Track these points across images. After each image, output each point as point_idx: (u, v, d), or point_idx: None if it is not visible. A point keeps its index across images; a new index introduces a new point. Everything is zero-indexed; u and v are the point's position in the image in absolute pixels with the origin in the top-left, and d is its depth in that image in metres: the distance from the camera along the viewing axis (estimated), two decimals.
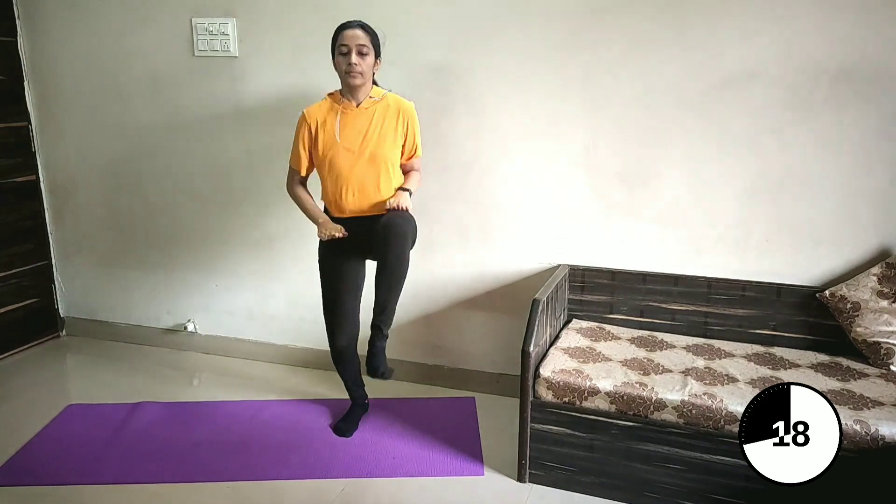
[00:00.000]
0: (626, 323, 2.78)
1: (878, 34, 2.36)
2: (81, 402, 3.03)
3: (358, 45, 2.35)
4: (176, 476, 2.47)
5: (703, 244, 2.68)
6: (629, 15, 2.58)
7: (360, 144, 2.42)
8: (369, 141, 2.42)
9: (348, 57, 2.35)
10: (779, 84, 2.48)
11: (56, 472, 2.49)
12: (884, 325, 2.38)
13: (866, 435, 2.00)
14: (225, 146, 3.25)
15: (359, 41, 2.35)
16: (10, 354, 3.51)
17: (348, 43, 2.35)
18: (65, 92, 3.46)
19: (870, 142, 2.44)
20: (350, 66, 2.35)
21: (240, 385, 3.17)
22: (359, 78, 2.38)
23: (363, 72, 2.37)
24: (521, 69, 2.74)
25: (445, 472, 2.49)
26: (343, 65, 2.37)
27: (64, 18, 3.36)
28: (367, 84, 2.43)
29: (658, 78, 2.60)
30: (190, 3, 3.12)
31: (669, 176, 2.67)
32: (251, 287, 3.37)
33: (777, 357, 2.48)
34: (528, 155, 2.81)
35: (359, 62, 2.35)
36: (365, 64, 2.37)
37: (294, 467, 2.51)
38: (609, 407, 2.26)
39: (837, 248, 2.53)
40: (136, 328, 3.65)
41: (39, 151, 3.59)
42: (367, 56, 2.38)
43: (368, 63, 2.39)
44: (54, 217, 3.67)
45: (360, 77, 2.38)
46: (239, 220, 3.31)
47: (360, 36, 2.36)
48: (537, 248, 2.89)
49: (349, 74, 2.37)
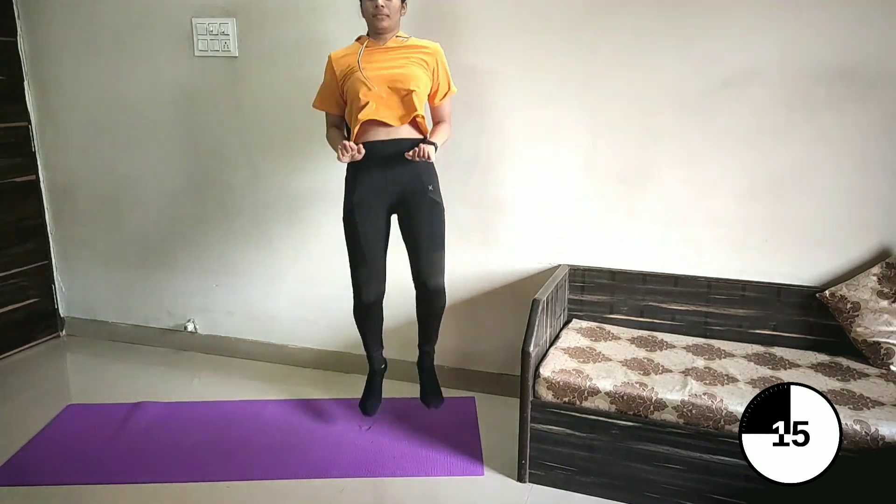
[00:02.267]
0: (626, 323, 2.78)
1: (879, 34, 2.36)
2: (81, 402, 3.03)
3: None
4: (176, 476, 2.47)
5: (703, 244, 2.68)
6: (629, 14, 2.58)
7: (385, 72, 2.42)
8: (395, 68, 2.43)
9: (375, 0, 2.38)
10: (779, 84, 2.48)
11: (56, 472, 2.49)
12: (884, 325, 2.38)
13: (866, 435, 2.00)
14: (225, 146, 3.25)
15: None
16: (10, 354, 3.51)
17: None
18: (65, 92, 3.46)
19: (870, 142, 2.44)
20: (378, 8, 2.38)
21: (240, 385, 3.17)
22: (386, 20, 2.40)
23: (390, 14, 2.40)
24: (522, 68, 2.74)
25: (445, 472, 2.49)
26: (371, 7, 2.40)
27: (64, 18, 3.36)
28: (394, 28, 2.47)
29: (658, 78, 2.60)
30: (190, 3, 3.12)
31: (669, 176, 2.67)
32: (251, 287, 3.37)
33: (777, 357, 2.48)
34: (528, 154, 2.81)
35: (385, 4, 2.38)
36: (391, 6, 2.40)
37: (294, 467, 2.51)
38: (609, 407, 2.26)
39: (837, 248, 2.53)
40: (136, 328, 3.65)
41: (39, 151, 3.59)
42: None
43: (395, 5, 2.42)
44: (54, 217, 3.67)
45: (388, 19, 2.41)
46: (239, 220, 3.31)
47: None
48: (537, 248, 2.89)
49: (377, 17, 2.40)
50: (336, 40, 2.92)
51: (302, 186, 3.14)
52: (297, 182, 3.15)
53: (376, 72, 2.42)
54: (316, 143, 2.97)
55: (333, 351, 3.29)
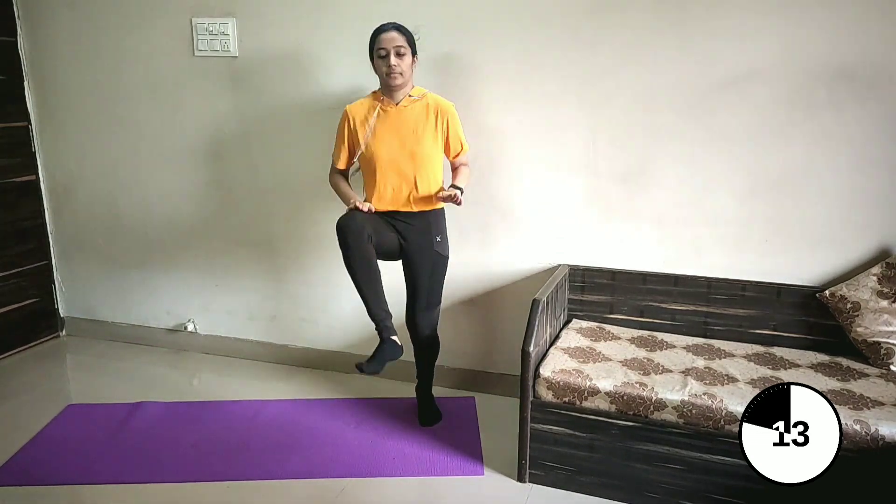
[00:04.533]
0: (626, 323, 2.78)
1: (879, 34, 2.36)
2: (81, 402, 3.03)
3: (395, 47, 2.43)
4: (176, 476, 2.47)
5: (703, 244, 2.68)
6: (629, 14, 2.58)
7: (400, 142, 2.49)
8: (408, 139, 2.50)
9: (387, 59, 2.43)
10: (779, 83, 2.48)
11: (56, 472, 2.49)
12: (884, 325, 2.38)
13: (866, 435, 2.00)
14: (225, 146, 3.25)
15: (396, 43, 2.43)
16: (10, 354, 3.51)
17: (386, 46, 2.43)
18: (65, 92, 3.46)
19: (870, 142, 2.43)
20: (391, 68, 2.42)
21: (240, 385, 3.17)
22: (399, 78, 2.45)
23: (403, 72, 2.45)
24: (521, 68, 2.74)
25: (445, 472, 2.49)
26: (383, 67, 2.44)
27: (64, 18, 3.36)
28: (407, 84, 2.50)
29: (658, 78, 2.60)
30: (190, 3, 3.12)
31: (669, 176, 2.67)
32: (251, 287, 3.37)
33: (777, 357, 2.48)
34: (527, 155, 2.81)
35: (398, 63, 2.42)
36: (404, 64, 2.45)
37: (294, 467, 2.51)
38: (609, 407, 2.26)
39: (837, 248, 2.53)
40: (136, 328, 3.65)
41: (39, 151, 3.59)
42: (405, 56, 2.45)
43: (407, 63, 2.46)
44: (54, 217, 3.67)
45: (401, 77, 2.45)
46: (239, 220, 3.31)
47: (397, 38, 2.44)
48: (537, 248, 2.89)
49: (390, 76, 2.44)
50: (336, 40, 2.93)
51: (302, 186, 3.14)
52: (296, 181, 3.15)
53: (391, 153, 2.49)
54: (316, 143, 2.97)
55: (333, 351, 3.29)
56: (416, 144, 2.50)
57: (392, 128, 2.51)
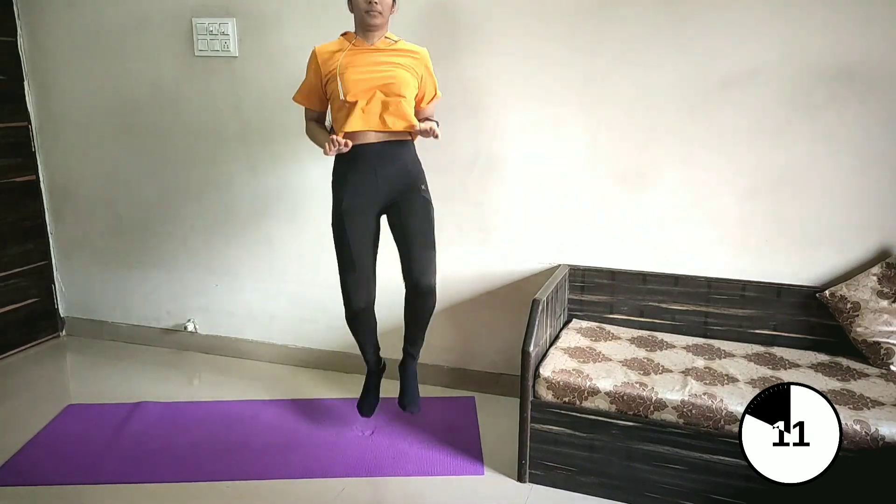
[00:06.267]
0: (626, 323, 2.78)
1: (880, 34, 2.36)
2: (81, 402, 3.03)
3: None
4: (176, 476, 2.47)
5: (703, 244, 2.68)
6: (629, 14, 2.58)
7: (372, 72, 2.37)
8: (381, 69, 2.37)
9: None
10: (779, 83, 2.48)
11: (56, 472, 2.49)
12: (884, 325, 2.38)
13: (866, 435, 2.00)
14: (225, 146, 3.25)
15: None
16: (10, 354, 3.51)
17: None
18: (65, 92, 3.46)
19: (870, 142, 2.44)
20: (371, 5, 2.31)
21: (240, 385, 3.17)
22: (378, 17, 2.34)
23: (382, 11, 2.34)
24: (522, 69, 2.74)
25: (445, 471, 2.49)
26: (363, 3, 2.33)
27: (64, 18, 3.36)
28: (384, 26, 2.40)
29: (658, 78, 2.60)
30: (190, 3, 3.13)
31: (669, 176, 2.67)
32: (251, 287, 3.37)
33: (777, 357, 2.48)
34: (527, 155, 2.81)
35: (379, 1, 2.31)
36: (384, 3, 2.34)
37: (294, 467, 2.51)
38: (609, 407, 2.26)
39: (837, 248, 2.53)
40: (136, 328, 3.65)
41: (39, 151, 3.59)
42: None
43: (387, 3, 2.35)
44: (54, 217, 3.67)
45: (380, 16, 2.34)
46: (239, 220, 3.31)
47: None
48: (537, 248, 2.89)
49: (369, 14, 2.32)
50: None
51: (302, 186, 3.14)
52: (296, 181, 3.15)
53: (364, 75, 2.35)
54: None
55: (333, 351, 3.29)
56: (391, 77, 2.35)
57: (364, 61, 2.37)
